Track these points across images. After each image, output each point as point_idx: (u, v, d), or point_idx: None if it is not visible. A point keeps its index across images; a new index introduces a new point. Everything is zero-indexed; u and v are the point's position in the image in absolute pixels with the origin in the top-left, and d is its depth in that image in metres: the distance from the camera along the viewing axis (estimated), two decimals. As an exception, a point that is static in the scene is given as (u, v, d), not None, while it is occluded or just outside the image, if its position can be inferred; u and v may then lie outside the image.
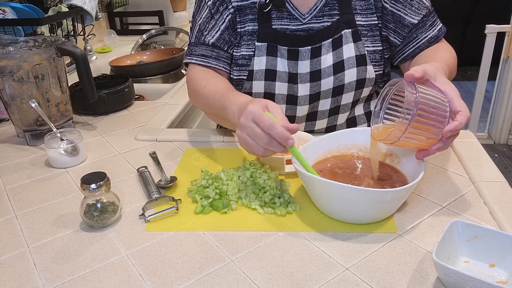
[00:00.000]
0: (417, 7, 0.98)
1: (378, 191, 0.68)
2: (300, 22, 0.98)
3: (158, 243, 0.71)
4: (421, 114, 0.67)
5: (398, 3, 0.98)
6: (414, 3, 0.98)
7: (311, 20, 0.98)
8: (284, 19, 0.98)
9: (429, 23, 0.99)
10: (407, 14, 0.98)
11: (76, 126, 1.19)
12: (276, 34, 0.98)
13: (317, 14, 0.98)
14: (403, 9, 0.98)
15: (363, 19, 0.98)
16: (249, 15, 0.99)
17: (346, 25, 0.97)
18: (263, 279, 0.63)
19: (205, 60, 1.02)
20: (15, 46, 1.11)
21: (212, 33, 1.01)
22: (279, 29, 0.98)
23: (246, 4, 0.99)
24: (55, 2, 1.69)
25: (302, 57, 0.98)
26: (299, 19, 0.98)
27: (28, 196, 0.87)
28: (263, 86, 1.00)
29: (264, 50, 0.98)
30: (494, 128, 3.07)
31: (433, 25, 1.00)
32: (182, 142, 1.07)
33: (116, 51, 2.10)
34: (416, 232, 0.72)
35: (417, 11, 0.98)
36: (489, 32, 2.81)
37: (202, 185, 0.83)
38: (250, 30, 0.99)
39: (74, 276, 0.65)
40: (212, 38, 1.01)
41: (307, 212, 0.77)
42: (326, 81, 0.99)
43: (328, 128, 1.07)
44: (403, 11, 0.98)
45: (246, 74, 1.00)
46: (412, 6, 0.98)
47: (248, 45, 1.00)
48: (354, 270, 0.64)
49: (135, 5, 2.39)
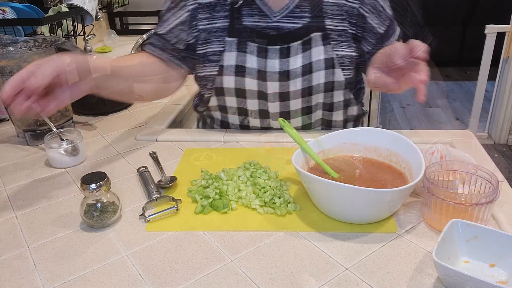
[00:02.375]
0: (383, 18, 1.01)
1: (378, 191, 0.68)
2: (270, 20, 1.00)
3: (158, 243, 0.71)
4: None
5: (372, 13, 1.00)
6: (382, 14, 1.01)
7: (281, 19, 0.99)
8: (254, 15, 1.00)
9: (391, 31, 1.03)
10: (377, 24, 1.01)
11: (76, 126, 1.19)
12: (246, 30, 1.00)
13: (288, 14, 0.99)
14: (374, 19, 1.01)
15: (334, 23, 1.00)
16: (220, 11, 1.01)
17: (316, 29, 0.99)
18: (263, 279, 0.63)
19: (151, 48, 1.07)
20: (15, 46, 1.11)
21: (164, 25, 1.05)
22: (250, 25, 1.00)
23: (216, 0, 1.01)
24: (55, 2, 1.69)
25: (271, 56, 1.00)
26: (269, 17, 0.99)
27: (28, 196, 0.87)
28: (234, 81, 1.02)
29: (234, 45, 1.00)
30: (494, 128, 3.07)
31: (394, 32, 1.04)
32: (182, 142, 1.07)
33: (116, 51, 2.10)
34: (416, 232, 0.72)
35: (383, 22, 1.01)
36: (489, 32, 2.81)
37: (202, 185, 0.83)
38: (221, 26, 1.01)
39: (74, 276, 0.65)
40: (162, 30, 1.05)
41: (307, 212, 0.77)
42: (295, 82, 1.00)
43: (303, 126, 1.09)
44: (374, 21, 1.01)
45: (217, 70, 1.02)
46: (380, 17, 1.01)
47: (219, 41, 1.02)
48: (354, 270, 0.64)
49: (135, 5, 2.39)
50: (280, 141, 1.04)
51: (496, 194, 0.68)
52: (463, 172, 0.76)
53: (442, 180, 0.75)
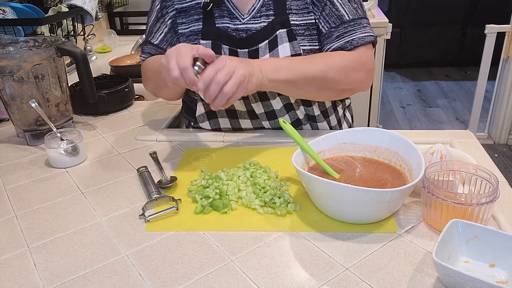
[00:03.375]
0: (354, 8, 0.99)
1: (378, 191, 0.68)
2: (240, 22, 1.01)
3: (158, 243, 0.71)
4: None
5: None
6: (353, 3, 0.99)
7: (250, 20, 1.00)
8: (225, 17, 1.01)
9: (336, 34, 0.99)
10: (345, 10, 0.99)
11: (76, 126, 1.19)
12: (218, 32, 1.01)
13: (255, 14, 1.00)
14: (343, 5, 0.99)
15: (299, 18, 0.99)
16: (194, 15, 1.03)
17: (281, 25, 0.98)
18: (263, 279, 0.63)
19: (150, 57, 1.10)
20: (15, 46, 1.11)
21: (157, 35, 1.09)
22: (221, 27, 1.01)
23: (190, 5, 1.03)
24: (55, 2, 1.69)
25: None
26: (238, 18, 1.01)
27: (28, 196, 0.87)
28: None
29: (209, 47, 1.01)
30: (494, 128, 3.07)
31: (355, 31, 0.99)
32: (182, 142, 1.07)
33: (116, 51, 2.10)
34: (416, 232, 0.72)
35: (353, 11, 0.99)
36: (489, 32, 2.81)
37: (202, 185, 0.83)
38: (196, 30, 1.03)
39: (74, 276, 0.65)
40: (156, 40, 1.09)
41: (307, 212, 0.77)
42: None
43: (293, 123, 1.08)
44: (342, 6, 0.98)
45: None
46: (351, 6, 0.99)
47: (194, 44, 1.01)
48: (354, 270, 0.64)
49: (135, 5, 2.39)
50: (280, 141, 1.04)
51: (496, 194, 0.68)
52: (463, 172, 0.76)
53: (442, 180, 0.75)
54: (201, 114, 1.11)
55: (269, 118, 1.07)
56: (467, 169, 0.75)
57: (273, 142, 1.04)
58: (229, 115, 1.08)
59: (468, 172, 0.75)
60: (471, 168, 0.75)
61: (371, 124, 2.67)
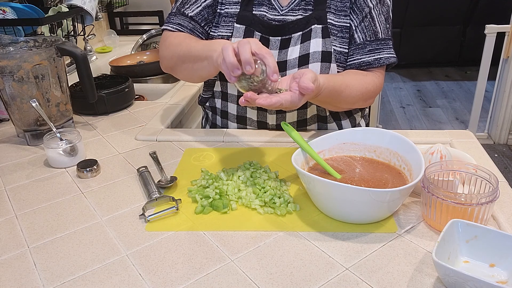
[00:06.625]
0: (387, 28, 1.02)
1: (378, 191, 0.68)
2: (278, 13, 1.02)
3: (158, 243, 0.71)
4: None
5: (371, 18, 1.00)
6: (387, 24, 1.01)
7: (287, 12, 1.02)
8: (263, 6, 1.03)
9: (369, 48, 1.01)
10: (380, 28, 1.01)
11: (76, 126, 1.19)
12: (254, 18, 1.02)
13: (294, 7, 1.02)
14: (380, 22, 1.01)
15: (336, 19, 1.01)
16: None
17: (317, 21, 1.00)
18: (263, 279, 0.63)
19: (181, 29, 1.05)
20: (15, 46, 1.11)
21: (193, 8, 1.05)
22: (258, 15, 1.02)
23: None
24: (55, 2, 1.69)
25: (272, 46, 1.02)
26: (277, 10, 1.02)
27: (28, 196, 0.87)
28: None
29: (241, 32, 1.02)
30: (494, 128, 3.07)
31: (383, 50, 1.01)
32: (182, 142, 1.07)
33: (116, 51, 2.10)
34: (416, 232, 0.72)
35: (385, 30, 1.01)
36: (489, 32, 2.81)
37: (202, 185, 0.83)
38: (232, 13, 1.04)
39: (74, 276, 0.65)
40: (191, 12, 1.05)
41: (307, 212, 0.77)
42: (291, 72, 1.01)
43: (299, 122, 1.09)
44: (379, 24, 1.01)
45: None
46: (385, 25, 1.01)
47: (228, 27, 1.04)
48: (354, 270, 0.64)
49: (135, 5, 2.39)
50: (280, 141, 1.04)
51: (496, 194, 0.68)
52: (463, 172, 0.76)
53: (442, 180, 0.75)
54: (218, 91, 1.12)
55: (277, 111, 1.07)
56: (467, 169, 0.75)
57: (273, 142, 1.05)
58: (238, 102, 1.09)
59: (468, 172, 0.75)
60: (471, 168, 0.75)
61: (371, 124, 2.66)
